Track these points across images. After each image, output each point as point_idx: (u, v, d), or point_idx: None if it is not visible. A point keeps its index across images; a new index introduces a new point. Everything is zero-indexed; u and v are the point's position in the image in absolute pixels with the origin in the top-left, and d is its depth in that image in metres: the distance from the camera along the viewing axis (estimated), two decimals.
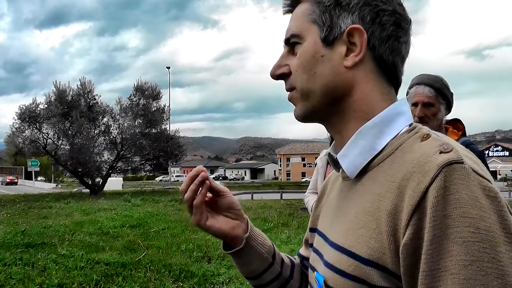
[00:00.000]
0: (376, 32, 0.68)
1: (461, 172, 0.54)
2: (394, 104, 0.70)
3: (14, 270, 5.38)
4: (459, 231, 0.51)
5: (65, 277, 5.13)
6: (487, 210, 0.52)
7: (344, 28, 0.68)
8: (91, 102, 23.63)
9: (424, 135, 0.64)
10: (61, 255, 6.25)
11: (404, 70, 0.74)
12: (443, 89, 2.02)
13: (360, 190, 0.69)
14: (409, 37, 0.72)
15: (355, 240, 0.64)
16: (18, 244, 6.96)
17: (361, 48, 0.67)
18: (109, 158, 24.49)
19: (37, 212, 12.60)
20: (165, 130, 25.39)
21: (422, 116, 2.02)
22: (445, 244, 0.52)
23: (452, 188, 0.53)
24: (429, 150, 0.59)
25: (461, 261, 0.50)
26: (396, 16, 0.69)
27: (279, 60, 0.76)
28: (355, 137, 0.69)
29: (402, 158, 0.62)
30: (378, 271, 0.59)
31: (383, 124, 0.68)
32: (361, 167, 0.69)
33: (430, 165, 0.56)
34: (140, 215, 11.12)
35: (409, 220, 0.55)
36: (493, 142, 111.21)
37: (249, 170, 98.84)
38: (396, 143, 0.66)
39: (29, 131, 22.12)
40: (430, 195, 0.54)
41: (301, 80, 0.72)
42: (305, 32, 0.71)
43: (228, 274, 5.41)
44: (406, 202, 0.56)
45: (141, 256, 6.26)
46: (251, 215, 11.28)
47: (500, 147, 79.92)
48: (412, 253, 0.55)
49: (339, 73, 0.69)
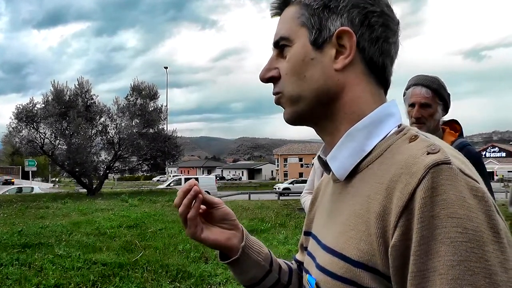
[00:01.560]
0: (365, 34, 0.68)
1: (448, 172, 0.54)
2: (383, 106, 0.70)
3: (10, 270, 5.36)
4: (446, 231, 0.52)
5: (62, 278, 5.11)
6: (475, 210, 0.53)
7: (333, 30, 0.68)
8: (88, 102, 23.56)
9: (412, 136, 0.64)
10: (58, 255, 6.23)
11: (393, 71, 0.74)
12: (440, 90, 2.02)
13: (351, 192, 0.69)
14: (397, 38, 0.72)
15: (346, 242, 0.64)
16: (15, 244, 6.93)
17: (350, 50, 0.68)
18: (107, 158, 24.42)
19: (34, 212, 12.55)
20: (162, 130, 25.32)
21: (419, 117, 2.02)
22: (433, 245, 0.52)
23: (439, 188, 0.53)
24: (417, 151, 0.59)
25: (449, 261, 0.51)
26: (384, 17, 0.69)
27: (268, 63, 0.76)
28: (344, 139, 0.69)
29: (391, 160, 0.62)
30: (368, 273, 0.60)
31: (372, 125, 0.68)
32: (351, 169, 0.69)
33: (418, 166, 0.56)
34: (137, 215, 11.09)
35: (397, 221, 0.55)
36: (490, 143, 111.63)
37: (247, 171, 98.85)
38: (385, 144, 0.66)
39: (26, 131, 22.01)
40: (418, 196, 0.54)
41: (291, 83, 0.72)
42: (294, 35, 0.71)
43: (225, 274, 5.40)
44: (394, 204, 0.57)
45: (138, 257, 6.25)
46: (248, 216, 11.29)
47: (497, 148, 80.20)
48: (401, 254, 0.55)
49: (329, 76, 0.69)
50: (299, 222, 10.08)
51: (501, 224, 0.54)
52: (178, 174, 78.12)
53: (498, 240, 0.52)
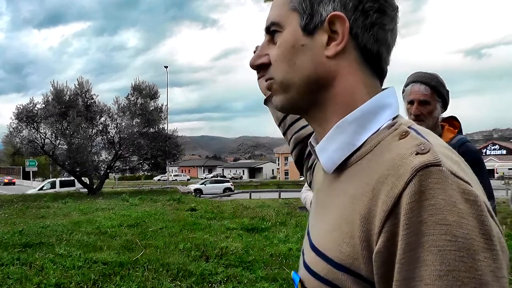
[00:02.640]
0: (359, 19, 0.64)
1: (438, 175, 0.51)
2: (377, 96, 0.66)
3: (11, 270, 5.36)
4: (434, 239, 0.49)
5: (62, 277, 5.11)
6: (466, 215, 0.49)
7: (325, 15, 0.65)
8: (88, 101, 23.57)
9: (403, 132, 0.60)
10: (59, 254, 6.23)
11: (390, 60, 0.70)
12: (439, 87, 2.02)
13: (338, 188, 0.66)
14: (395, 25, 0.68)
15: (329, 243, 0.62)
16: (16, 244, 6.94)
17: (343, 36, 0.64)
18: (107, 158, 24.45)
19: (35, 212, 12.56)
20: (163, 130, 25.34)
21: (418, 114, 2.02)
22: (420, 253, 0.49)
23: (427, 193, 0.50)
24: (405, 150, 0.56)
25: (436, 271, 0.48)
26: (380, 2, 0.65)
27: (259, 50, 0.73)
28: (333, 131, 0.66)
29: (380, 158, 0.59)
30: (351, 276, 0.57)
31: (363, 118, 0.64)
32: (339, 163, 0.66)
33: (405, 168, 0.53)
34: (138, 214, 11.09)
35: (382, 226, 0.52)
36: (491, 140, 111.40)
37: (247, 169, 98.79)
38: (376, 139, 0.62)
39: (26, 131, 22.04)
40: (404, 201, 0.51)
41: (280, 70, 0.69)
42: (285, 20, 0.68)
43: (225, 273, 5.41)
44: (380, 207, 0.53)
45: (139, 256, 6.25)
46: (249, 214, 11.29)
47: (497, 145, 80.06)
48: (386, 261, 0.52)
49: (320, 63, 0.66)
50: (300, 221, 10.08)
51: (494, 230, 0.51)
52: (179, 174, 78.22)
53: (491, 247, 0.49)
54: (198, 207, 12.94)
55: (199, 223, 9.69)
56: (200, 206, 13.41)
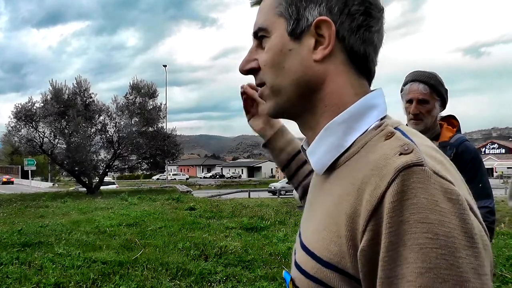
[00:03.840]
0: (345, 22, 0.65)
1: (420, 175, 0.52)
2: (365, 97, 0.67)
3: (10, 269, 5.35)
4: (416, 237, 0.50)
5: (62, 276, 5.11)
6: (448, 214, 0.50)
7: (311, 20, 0.66)
8: (87, 100, 23.54)
9: (388, 133, 0.61)
10: (58, 254, 6.22)
11: (377, 61, 0.71)
12: (437, 86, 2.02)
13: (327, 189, 0.67)
14: (381, 26, 0.69)
15: (318, 242, 0.63)
16: (15, 243, 6.93)
17: (329, 40, 0.65)
18: (106, 157, 24.43)
19: (34, 211, 12.55)
20: (161, 129, 25.32)
21: (417, 113, 2.02)
22: (402, 251, 0.50)
23: (409, 192, 0.51)
24: (389, 151, 0.57)
25: (418, 268, 0.49)
26: (365, 5, 0.66)
27: (248, 54, 0.74)
28: (322, 133, 0.67)
29: (365, 158, 0.60)
30: (339, 274, 0.59)
31: (351, 119, 0.66)
32: (328, 165, 0.67)
33: (388, 169, 0.54)
34: (137, 213, 11.08)
35: (366, 225, 0.54)
36: (490, 139, 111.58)
37: (246, 169, 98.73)
38: (363, 140, 0.64)
39: (25, 130, 22.02)
40: (387, 201, 0.52)
41: (270, 75, 0.70)
42: (272, 26, 0.69)
43: (225, 272, 5.41)
44: (364, 207, 0.55)
45: (138, 255, 6.24)
46: (248, 213, 11.29)
47: (496, 144, 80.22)
48: (370, 259, 0.53)
49: (309, 67, 0.67)
50: (299, 220, 9.95)
51: (476, 228, 0.52)
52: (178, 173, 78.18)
53: (472, 245, 0.50)
54: (197, 206, 12.93)
55: (198, 222, 9.69)
56: (199, 205, 13.40)
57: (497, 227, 7.94)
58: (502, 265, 5.33)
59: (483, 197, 1.93)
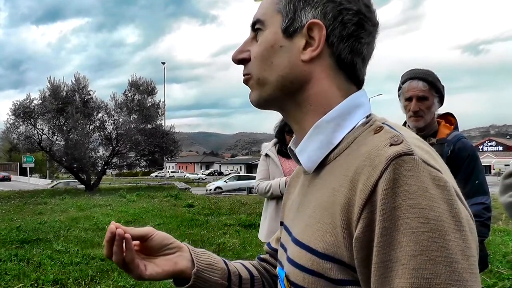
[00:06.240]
0: (337, 29, 0.68)
1: (411, 163, 0.55)
2: (351, 97, 0.70)
3: (9, 266, 5.36)
4: (408, 222, 0.52)
5: (60, 273, 5.12)
6: (437, 199, 0.53)
7: (305, 21, 0.68)
8: (85, 97, 23.50)
9: (377, 127, 0.64)
10: (57, 250, 6.24)
11: (366, 71, 0.73)
12: (435, 83, 2.04)
13: (318, 184, 0.69)
14: (372, 39, 0.72)
15: (312, 235, 0.64)
16: (13, 240, 6.94)
17: (319, 43, 0.68)
18: (104, 154, 24.41)
19: (32, 208, 12.56)
20: (160, 126, 25.32)
21: (417, 110, 2.03)
22: (395, 236, 0.52)
23: (401, 180, 0.54)
24: (380, 143, 0.60)
25: (411, 251, 0.51)
26: (360, 16, 0.68)
27: (242, 45, 0.77)
28: (312, 131, 0.70)
29: (356, 152, 0.63)
30: (335, 264, 0.60)
31: (340, 117, 0.68)
32: (319, 162, 0.70)
33: (380, 159, 0.57)
34: (135, 210, 11.11)
35: (360, 213, 0.56)
36: (487, 137, 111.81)
37: (245, 166, 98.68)
38: (352, 136, 0.67)
39: (23, 127, 22.01)
40: (380, 188, 0.54)
41: (258, 68, 0.73)
42: (269, 20, 0.72)
43: None
44: (358, 196, 0.57)
45: None
46: (246, 210, 11.31)
47: (494, 142, 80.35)
48: (365, 246, 0.55)
49: (296, 66, 0.69)
50: None
51: (463, 213, 0.55)
52: (177, 170, 78.16)
53: (460, 229, 0.53)
54: (196, 203, 12.96)
55: (197, 219, 9.71)
56: (197, 202, 13.42)
57: (494, 224, 7.94)
58: (498, 262, 5.34)
59: (480, 193, 1.94)
